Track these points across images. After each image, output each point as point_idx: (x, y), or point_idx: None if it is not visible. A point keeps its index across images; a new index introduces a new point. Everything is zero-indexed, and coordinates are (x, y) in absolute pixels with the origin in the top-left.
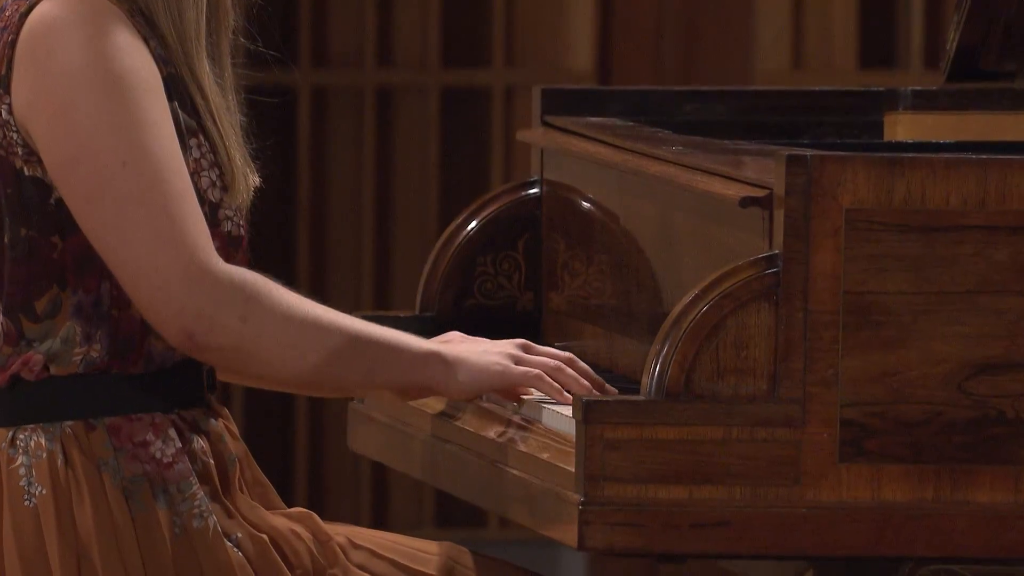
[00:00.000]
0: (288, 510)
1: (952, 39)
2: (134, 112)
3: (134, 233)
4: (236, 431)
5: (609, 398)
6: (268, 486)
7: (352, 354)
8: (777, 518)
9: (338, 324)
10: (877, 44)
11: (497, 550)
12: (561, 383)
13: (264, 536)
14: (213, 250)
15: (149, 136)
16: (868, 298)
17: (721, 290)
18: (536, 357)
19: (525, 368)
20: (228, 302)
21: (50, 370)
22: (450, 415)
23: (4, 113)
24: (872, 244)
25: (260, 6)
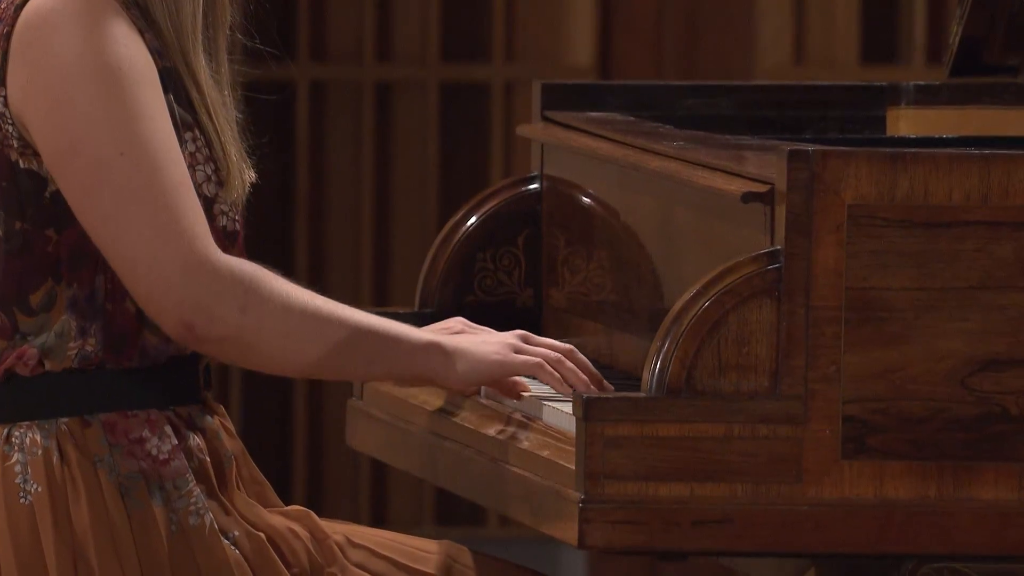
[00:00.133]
0: (286, 508)
1: (955, 33)
2: (130, 103)
3: (132, 224)
4: (232, 429)
5: (610, 395)
6: (265, 484)
7: (352, 345)
8: (779, 515)
9: (338, 315)
10: (879, 39)
11: (497, 548)
12: (561, 374)
13: (261, 534)
14: (212, 241)
15: (146, 126)
16: (871, 294)
17: (722, 286)
18: (536, 348)
19: (525, 357)
20: (227, 293)
21: (45, 365)
22: (450, 412)
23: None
24: (875, 240)
25: (258, 1)
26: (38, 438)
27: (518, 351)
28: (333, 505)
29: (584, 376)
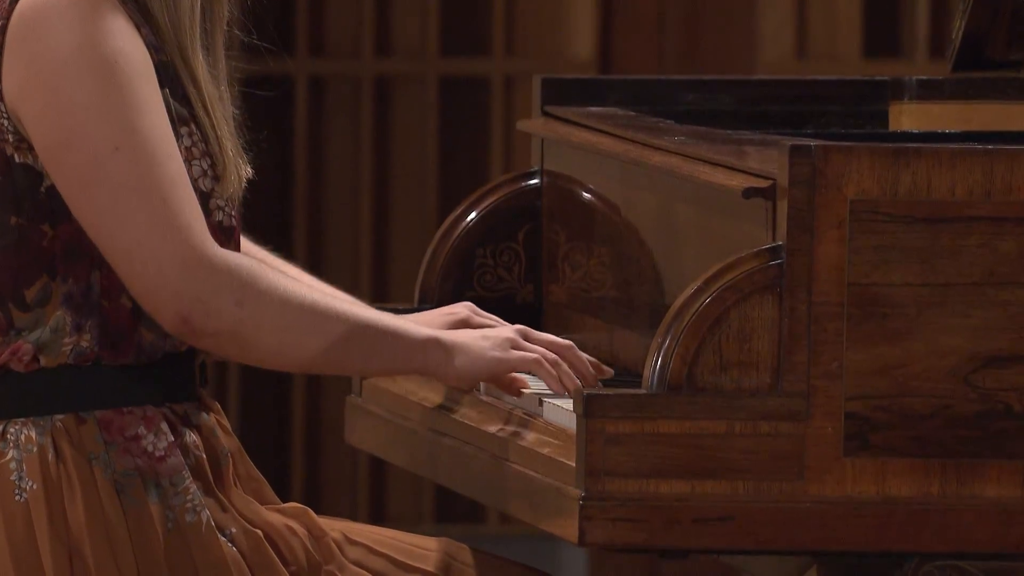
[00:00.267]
0: (283, 505)
1: (958, 27)
2: (127, 96)
3: (128, 218)
4: (228, 426)
5: (610, 392)
6: (262, 481)
7: (350, 340)
8: (781, 513)
9: (336, 309)
10: (882, 33)
11: (497, 546)
12: (557, 375)
13: (258, 531)
14: (208, 235)
15: (142, 120)
16: (873, 290)
17: (724, 282)
18: (535, 345)
19: (522, 353)
20: (224, 286)
21: (40, 361)
22: (449, 409)
23: None
24: (877, 235)
25: None
26: (33, 435)
27: (517, 347)
28: (331, 502)
29: (578, 381)
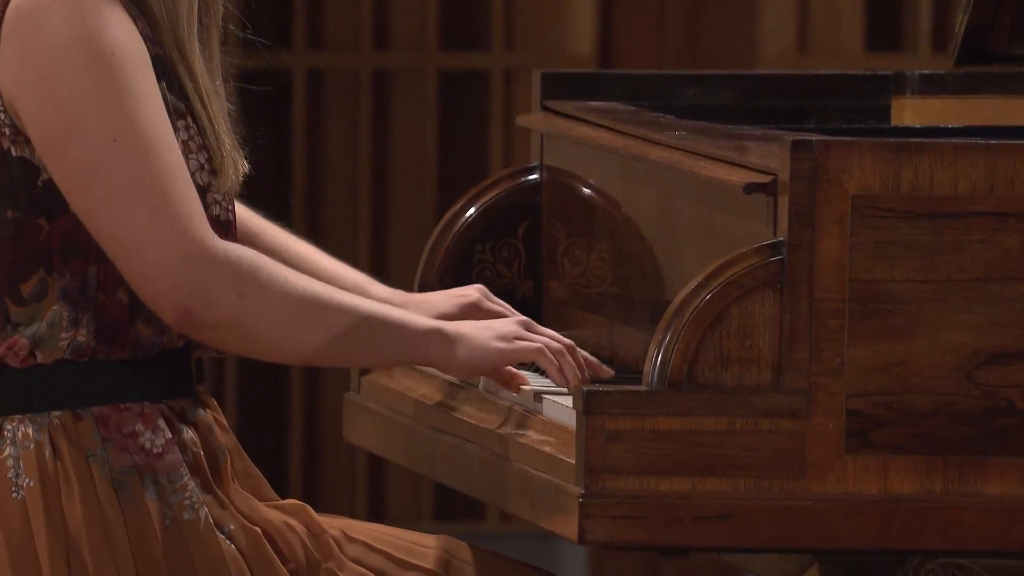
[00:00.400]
0: (281, 502)
1: (961, 22)
2: (124, 87)
3: (127, 210)
4: (225, 423)
5: (610, 388)
6: (260, 478)
7: (352, 331)
8: (782, 511)
9: (337, 300)
10: (884, 27)
11: (496, 543)
12: (560, 364)
13: (257, 528)
14: (208, 226)
15: (140, 111)
16: (875, 286)
17: (725, 278)
18: (538, 336)
19: (525, 343)
20: (224, 277)
21: (36, 356)
22: (449, 406)
23: None
24: (879, 231)
25: None
26: (30, 432)
27: (520, 338)
28: (330, 500)
29: (579, 373)
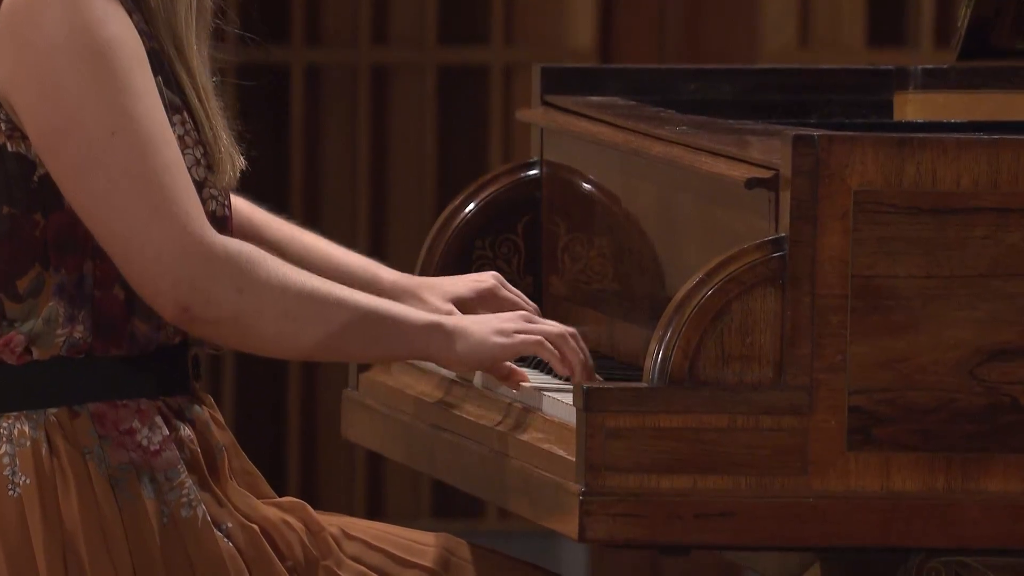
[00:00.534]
0: (279, 499)
1: (963, 16)
2: (121, 82)
3: (125, 205)
4: (221, 420)
5: (611, 385)
6: (257, 475)
7: (352, 326)
8: (783, 509)
9: (337, 295)
10: (886, 21)
11: (496, 541)
12: (562, 352)
13: (255, 526)
14: (206, 221)
15: (138, 105)
16: (877, 282)
17: (726, 274)
18: (538, 326)
19: (524, 336)
20: (223, 273)
21: (32, 353)
22: (448, 403)
23: None
24: (881, 227)
25: None
26: (26, 429)
27: (519, 331)
28: (328, 498)
29: (583, 356)
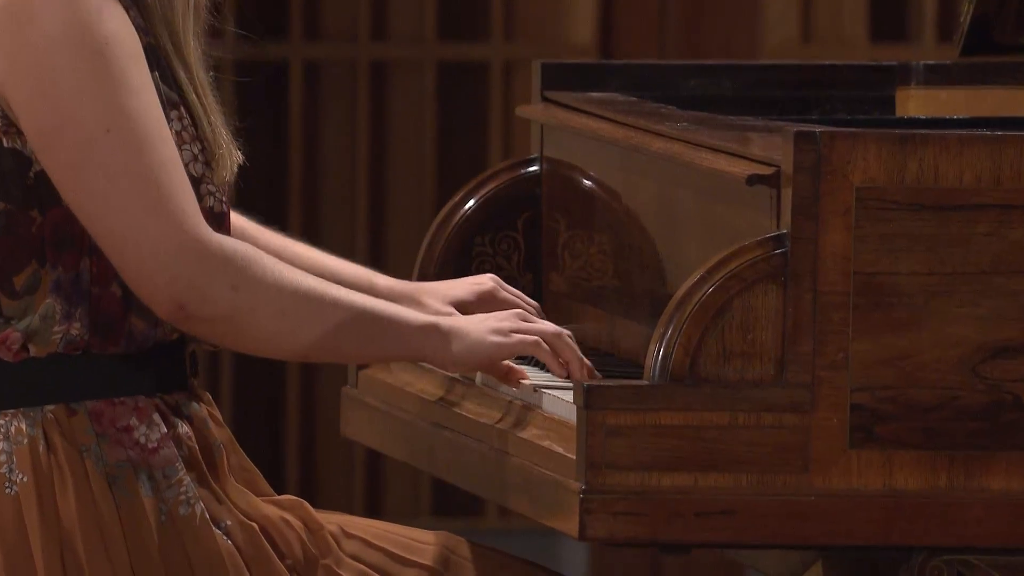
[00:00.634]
0: (278, 497)
1: (966, 11)
2: (117, 78)
3: (121, 202)
4: (219, 417)
5: (611, 383)
6: (255, 472)
7: (347, 326)
8: (785, 506)
9: (333, 295)
10: (889, 16)
11: (496, 540)
12: (559, 351)
13: (254, 524)
14: (202, 219)
15: (134, 102)
16: (879, 279)
17: (727, 271)
18: (534, 326)
19: (521, 337)
20: (219, 272)
21: (29, 350)
22: (447, 400)
23: None
24: (883, 223)
25: None
26: (23, 427)
27: (516, 330)
28: (327, 496)
29: (580, 355)
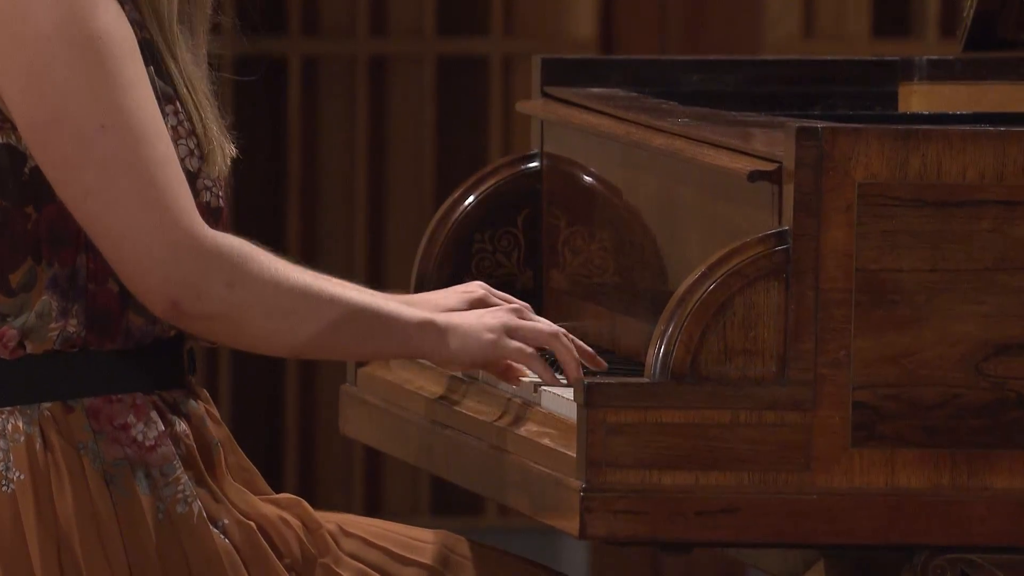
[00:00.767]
0: (276, 496)
1: (969, 7)
2: (112, 73)
3: (116, 199)
4: (217, 415)
5: (612, 380)
6: (253, 471)
7: (344, 323)
8: (786, 505)
9: (329, 292)
10: (891, 11)
11: (495, 538)
12: (556, 353)
13: (252, 523)
14: (198, 215)
15: (128, 98)
16: (882, 276)
17: (728, 268)
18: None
19: (519, 345)
20: (215, 268)
21: (26, 347)
22: (447, 398)
23: None
24: (886, 220)
25: None
26: (20, 424)
27: (513, 331)
28: (326, 495)
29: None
